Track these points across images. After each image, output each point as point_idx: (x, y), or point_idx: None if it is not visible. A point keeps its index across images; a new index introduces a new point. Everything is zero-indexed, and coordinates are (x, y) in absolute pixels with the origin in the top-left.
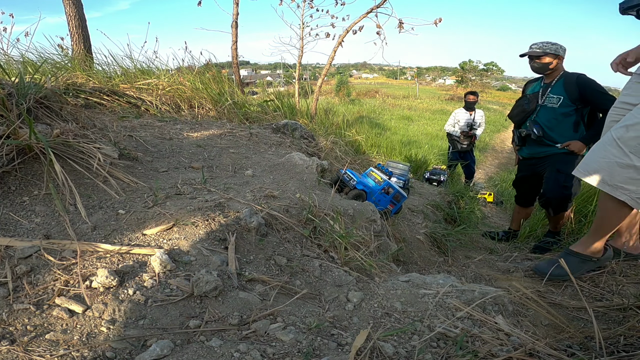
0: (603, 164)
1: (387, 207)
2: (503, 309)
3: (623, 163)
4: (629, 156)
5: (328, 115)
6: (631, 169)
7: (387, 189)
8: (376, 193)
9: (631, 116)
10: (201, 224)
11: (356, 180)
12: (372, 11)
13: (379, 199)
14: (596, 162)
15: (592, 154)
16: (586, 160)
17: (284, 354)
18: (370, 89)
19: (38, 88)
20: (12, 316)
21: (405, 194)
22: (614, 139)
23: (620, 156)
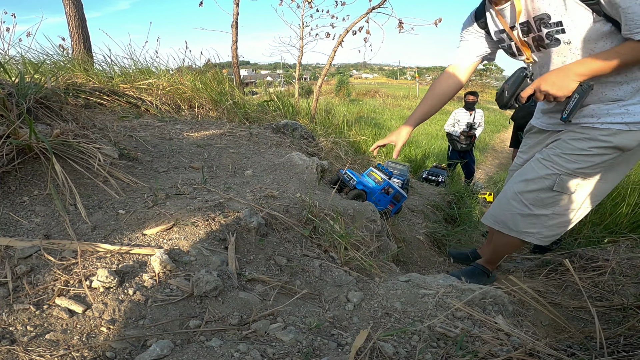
0: (508, 215)
1: (387, 207)
2: (503, 309)
3: (524, 213)
4: (528, 207)
5: (328, 115)
6: (532, 217)
7: (387, 189)
8: (376, 193)
9: (530, 169)
10: (201, 224)
11: (356, 180)
12: (372, 11)
13: (379, 199)
14: (502, 214)
15: (498, 206)
16: (493, 211)
17: (284, 354)
18: (370, 89)
19: (38, 88)
20: (12, 316)
21: (405, 194)
22: (515, 192)
23: (521, 208)
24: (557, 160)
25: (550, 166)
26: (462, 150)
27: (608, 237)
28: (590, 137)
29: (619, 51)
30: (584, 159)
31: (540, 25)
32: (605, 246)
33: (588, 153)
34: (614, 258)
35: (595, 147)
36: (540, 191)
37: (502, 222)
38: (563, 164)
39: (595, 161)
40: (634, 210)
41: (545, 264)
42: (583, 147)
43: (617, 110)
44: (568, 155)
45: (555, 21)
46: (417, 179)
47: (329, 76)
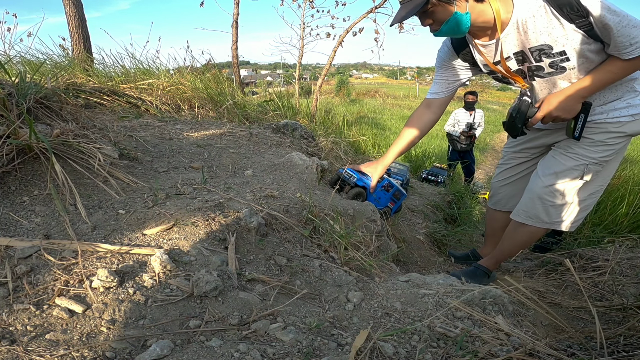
0: (540, 209)
1: (387, 205)
2: (503, 309)
3: (556, 204)
4: (559, 198)
5: (328, 115)
6: (563, 206)
7: (387, 186)
8: (377, 190)
9: (556, 163)
10: (201, 224)
11: (356, 177)
12: (372, 11)
13: (380, 196)
14: (534, 209)
15: (528, 201)
16: (523, 207)
17: (284, 354)
18: (370, 89)
19: (38, 88)
20: (12, 316)
21: (404, 192)
22: (545, 186)
23: (553, 200)
24: (582, 152)
25: (577, 157)
26: (462, 150)
27: (608, 237)
28: (606, 130)
29: (611, 70)
30: (604, 148)
31: (540, 55)
32: (605, 246)
33: (607, 143)
34: (614, 258)
35: (612, 138)
36: (570, 182)
37: (535, 217)
38: (589, 155)
39: (614, 149)
40: (633, 210)
41: (545, 264)
42: (602, 138)
43: (621, 105)
44: (591, 147)
45: (558, 51)
46: (416, 179)
47: (329, 76)
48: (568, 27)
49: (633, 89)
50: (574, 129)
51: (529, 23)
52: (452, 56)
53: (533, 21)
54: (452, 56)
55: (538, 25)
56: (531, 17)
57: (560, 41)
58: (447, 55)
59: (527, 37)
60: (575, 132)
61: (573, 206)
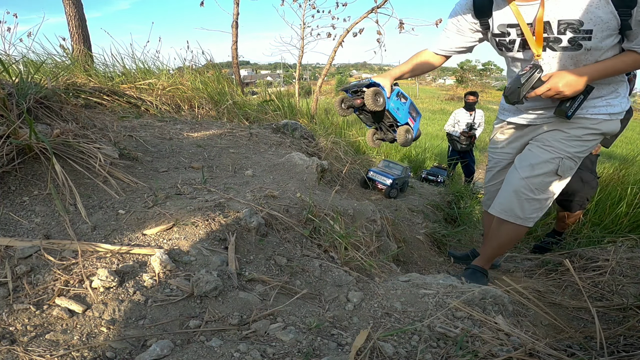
0: (515, 202)
1: (407, 121)
2: (503, 309)
3: (530, 198)
4: (534, 192)
5: (328, 115)
6: (535, 201)
7: (401, 96)
8: (392, 97)
9: (532, 155)
10: (201, 224)
11: (369, 80)
12: (372, 12)
13: (398, 106)
14: (509, 202)
15: (505, 195)
16: (499, 201)
17: (284, 354)
18: None
19: (38, 88)
20: (12, 316)
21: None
22: (521, 178)
23: (527, 193)
24: (559, 145)
25: (553, 151)
26: (462, 150)
27: (608, 237)
28: (583, 125)
29: (625, 61)
30: (580, 144)
31: (566, 29)
32: (605, 246)
33: (582, 139)
34: (614, 258)
35: (589, 134)
36: (545, 175)
37: (510, 210)
38: (565, 149)
39: (588, 145)
40: (633, 210)
41: (545, 264)
42: (579, 134)
43: (601, 103)
44: (567, 141)
45: (587, 29)
46: (416, 179)
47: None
48: (611, 9)
49: (615, 90)
50: (569, 107)
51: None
52: (467, 11)
53: None
54: (467, 12)
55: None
56: None
57: (594, 21)
58: (463, 9)
59: (565, 7)
60: (569, 110)
61: (543, 202)
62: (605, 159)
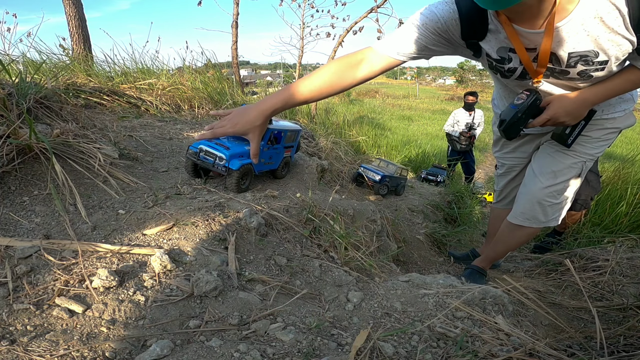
0: (538, 209)
1: (283, 157)
2: (503, 309)
3: (552, 204)
4: (556, 197)
5: (328, 115)
6: (558, 205)
7: (273, 139)
8: (263, 153)
9: (554, 162)
10: (201, 224)
11: (223, 155)
12: (372, 11)
13: (271, 154)
14: (533, 210)
15: (527, 203)
16: (521, 209)
17: (284, 354)
18: (370, 89)
19: (38, 88)
20: (12, 316)
21: (297, 126)
22: (544, 187)
23: (551, 200)
24: (581, 149)
25: (575, 155)
26: (462, 150)
27: (608, 237)
28: (602, 126)
29: (631, 79)
30: (600, 144)
31: (577, 62)
32: (605, 246)
33: (603, 139)
34: (614, 258)
35: (608, 133)
36: (569, 180)
37: (533, 218)
38: (587, 151)
39: (608, 143)
40: (633, 210)
41: (545, 264)
42: (598, 135)
43: (615, 100)
44: (589, 144)
45: (601, 60)
46: (416, 179)
47: None
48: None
49: None
50: (569, 135)
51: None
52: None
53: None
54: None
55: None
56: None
57: (612, 52)
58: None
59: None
60: (569, 139)
61: (567, 203)
62: (605, 159)
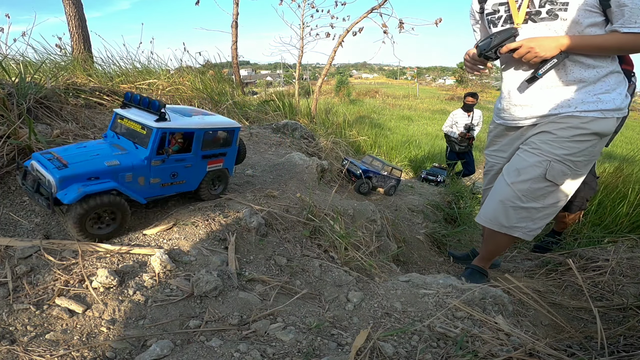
0: (500, 210)
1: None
2: (503, 309)
3: (516, 206)
4: (520, 199)
5: (328, 115)
6: (522, 210)
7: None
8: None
9: (519, 160)
10: (201, 224)
11: None
12: (372, 11)
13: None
14: (494, 211)
15: (490, 202)
16: (485, 209)
17: (284, 354)
18: (370, 89)
19: (38, 88)
20: (12, 316)
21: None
22: (507, 184)
23: (513, 200)
24: (545, 147)
25: (539, 153)
26: (460, 151)
27: (608, 237)
28: (572, 125)
29: (604, 37)
30: (569, 145)
31: (545, 3)
32: (605, 246)
33: (572, 140)
34: (614, 258)
35: (578, 135)
36: (533, 181)
37: (494, 219)
38: (552, 150)
39: (579, 147)
40: (634, 210)
41: (545, 264)
42: (567, 135)
43: (590, 99)
44: (555, 142)
45: (564, 1)
46: (416, 179)
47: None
48: None
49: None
50: (540, 67)
51: None
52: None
53: None
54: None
55: None
56: None
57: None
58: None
59: None
60: (540, 69)
61: (534, 212)
62: (605, 158)
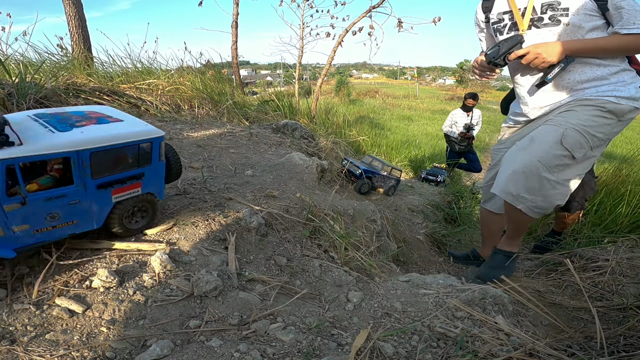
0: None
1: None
2: (503, 309)
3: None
4: (535, 165)
5: (328, 115)
6: (534, 178)
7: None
8: None
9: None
10: (201, 224)
11: None
12: (372, 10)
13: None
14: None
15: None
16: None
17: (284, 354)
18: (370, 89)
19: (38, 88)
20: (12, 316)
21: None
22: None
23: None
24: (559, 119)
25: (554, 124)
26: (460, 151)
27: (608, 237)
28: (588, 104)
29: (606, 40)
30: (586, 117)
31: (547, 9)
32: (605, 246)
33: (589, 114)
34: (614, 258)
35: (595, 110)
36: (549, 145)
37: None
38: (568, 120)
39: (597, 122)
40: (633, 210)
41: (545, 264)
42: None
43: (606, 89)
44: (571, 114)
45: (564, 7)
46: (416, 179)
47: (329, 76)
48: None
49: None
50: (548, 72)
51: None
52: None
53: None
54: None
55: None
56: None
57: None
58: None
59: None
60: (549, 74)
61: (545, 184)
62: (605, 158)
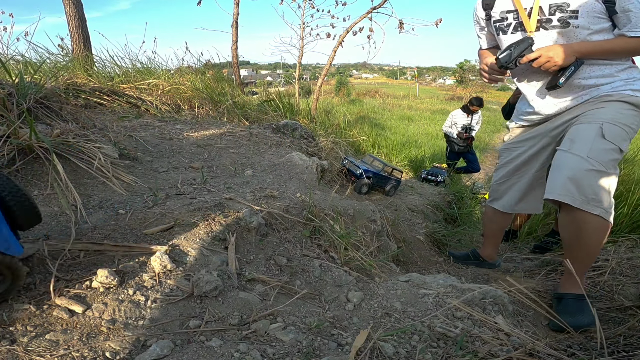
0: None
1: None
2: (503, 309)
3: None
4: (588, 161)
5: (328, 115)
6: (595, 174)
7: None
8: None
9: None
10: (201, 224)
11: None
12: (372, 11)
13: None
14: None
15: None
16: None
17: (284, 354)
18: (370, 89)
19: (38, 88)
20: (12, 316)
21: None
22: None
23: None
24: (591, 118)
25: (588, 120)
26: (460, 152)
27: (608, 237)
28: (610, 99)
29: (613, 42)
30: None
31: (555, 10)
32: (605, 246)
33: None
34: (614, 258)
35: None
36: (594, 140)
37: (564, 188)
38: (600, 116)
39: (626, 114)
40: (634, 210)
41: (545, 264)
42: (609, 105)
43: (619, 84)
44: (600, 111)
45: (573, 9)
46: (416, 179)
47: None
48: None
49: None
50: (560, 76)
51: None
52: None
53: None
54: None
55: None
56: None
57: (580, 2)
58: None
59: None
60: (561, 78)
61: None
62: None
